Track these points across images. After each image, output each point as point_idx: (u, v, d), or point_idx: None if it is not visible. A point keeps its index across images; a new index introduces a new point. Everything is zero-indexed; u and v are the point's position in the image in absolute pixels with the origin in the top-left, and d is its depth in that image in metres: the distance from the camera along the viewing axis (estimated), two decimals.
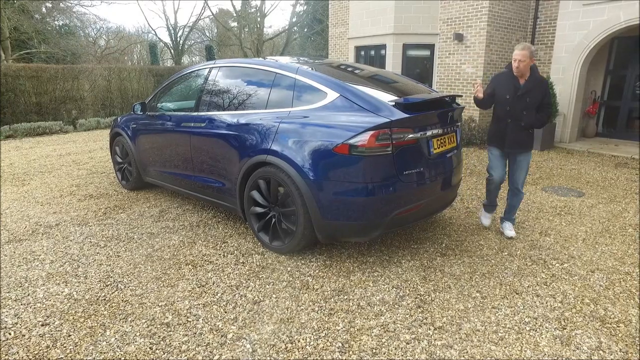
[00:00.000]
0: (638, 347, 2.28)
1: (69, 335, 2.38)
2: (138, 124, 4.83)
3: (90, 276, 3.06)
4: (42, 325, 2.47)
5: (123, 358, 2.20)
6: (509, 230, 3.76)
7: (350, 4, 10.95)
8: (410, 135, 2.92)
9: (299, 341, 2.33)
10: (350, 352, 2.24)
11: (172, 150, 4.29)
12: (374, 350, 2.25)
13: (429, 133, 3.07)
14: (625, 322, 2.50)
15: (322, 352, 2.24)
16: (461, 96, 4.01)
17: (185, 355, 2.22)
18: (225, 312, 2.60)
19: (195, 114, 4.01)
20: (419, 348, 2.27)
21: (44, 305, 2.68)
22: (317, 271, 3.12)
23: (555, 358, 2.19)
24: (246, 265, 3.23)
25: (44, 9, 20.51)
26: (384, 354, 2.23)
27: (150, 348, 2.28)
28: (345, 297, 2.77)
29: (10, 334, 2.39)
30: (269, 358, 2.20)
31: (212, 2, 50.26)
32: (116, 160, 5.40)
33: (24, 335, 2.38)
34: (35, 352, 2.24)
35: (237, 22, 31.31)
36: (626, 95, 8.57)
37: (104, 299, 2.75)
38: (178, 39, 31.59)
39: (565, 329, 2.44)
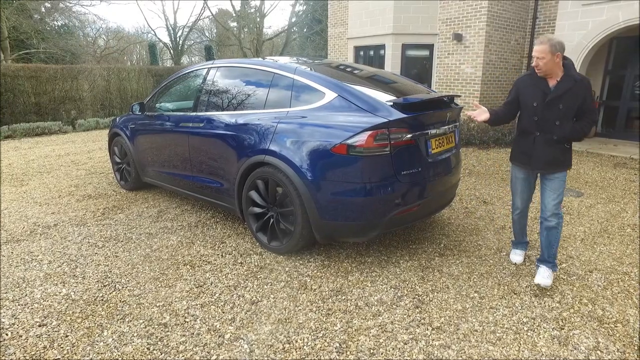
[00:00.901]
0: (636, 347, 2.28)
1: (66, 336, 2.37)
2: (136, 124, 4.82)
3: (88, 276, 3.06)
4: (40, 325, 2.47)
5: (120, 358, 2.19)
6: (540, 275, 2.85)
7: (349, 4, 10.96)
8: (408, 136, 2.92)
9: (296, 341, 2.33)
10: (348, 353, 2.23)
11: (171, 150, 4.29)
12: (371, 351, 2.25)
13: (427, 133, 3.07)
14: (623, 322, 2.49)
15: (319, 352, 2.24)
16: (460, 96, 4.00)
17: (183, 356, 2.21)
18: (223, 313, 2.60)
19: (194, 114, 4.01)
20: (417, 348, 2.27)
21: (42, 306, 2.67)
22: (315, 271, 3.12)
23: (553, 358, 2.19)
24: (244, 265, 3.23)
25: (43, 9, 20.51)
26: (382, 354, 2.22)
27: (147, 348, 2.27)
28: (343, 297, 2.77)
29: (7, 334, 2.39)
30: (266, 358, 2.19)
31: (211, 3, 50.31)
32: (115, 161, 5.40)
33: (21, 336, 2.37)
34: (32, 353, 2.23)
35: (237, 22, 31.34)
36: (625, 95, 8.58)
37: (102, 300, 2.75)
38: (177, 39, 31.62)
39: (563, 329, 2.43)
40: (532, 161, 2.87)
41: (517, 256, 3.27)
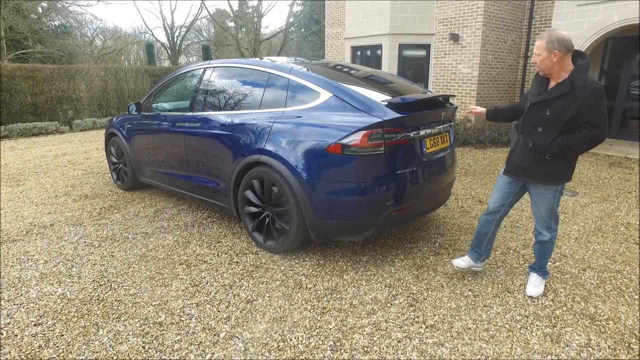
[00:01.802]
0: (626, 344, 2.30)
1: (62, 335, 2.38)
2: (133, 124, 4.83)
3: (84, 276, 3.06)
4: (35, 325, 2.48)
5: (115, 357, 2.21)
6: (531, 285, 2.80)
7: (346, 4, 10.97)
8: (403, 135, 2.94)
9: (291, 340, 2.34)
10: (342, 351, 2.25)
11: (167, 150, 4.29)
12: (365, 349, 2.26)
13: (421, 133, 3.08)
14: (614, 320, 2.52)
15: (314, 350, 2.25)
16: (455, 96, 4.02)
17: (178, 354, 2.23)
18: (218, 311, 2.61)
19: (190, 114, 4.02)
20: (410, 346, 2.29)
21: (37, 305, 2.68)
22: (310, 270, 3.13)
23: (545, 355, 2.21)
24: (240, 264, 3.24)
25: (40, 9, 20.45)
26: (376, 352, 2.24)
27: (142, 347, 2.28)
28: (338, 296, 2.79)
29: (2, 333, 2.39)
30: (261, 357, 2.21)
31: (209, 2, 50.29)
32: (111, 161, 5.40)
33: (17, 335, 2.38)
34: (28, 352, 2.24)
35: (234, 22, 31.32)
36: (620, 96, 8.62)
37: (98, 299, 2.76)
38: (175, 39, 31.60)
39: (555, 326, 2.46)
40: (508, 164, 2.69)
41: (459, 260, 2.99)
